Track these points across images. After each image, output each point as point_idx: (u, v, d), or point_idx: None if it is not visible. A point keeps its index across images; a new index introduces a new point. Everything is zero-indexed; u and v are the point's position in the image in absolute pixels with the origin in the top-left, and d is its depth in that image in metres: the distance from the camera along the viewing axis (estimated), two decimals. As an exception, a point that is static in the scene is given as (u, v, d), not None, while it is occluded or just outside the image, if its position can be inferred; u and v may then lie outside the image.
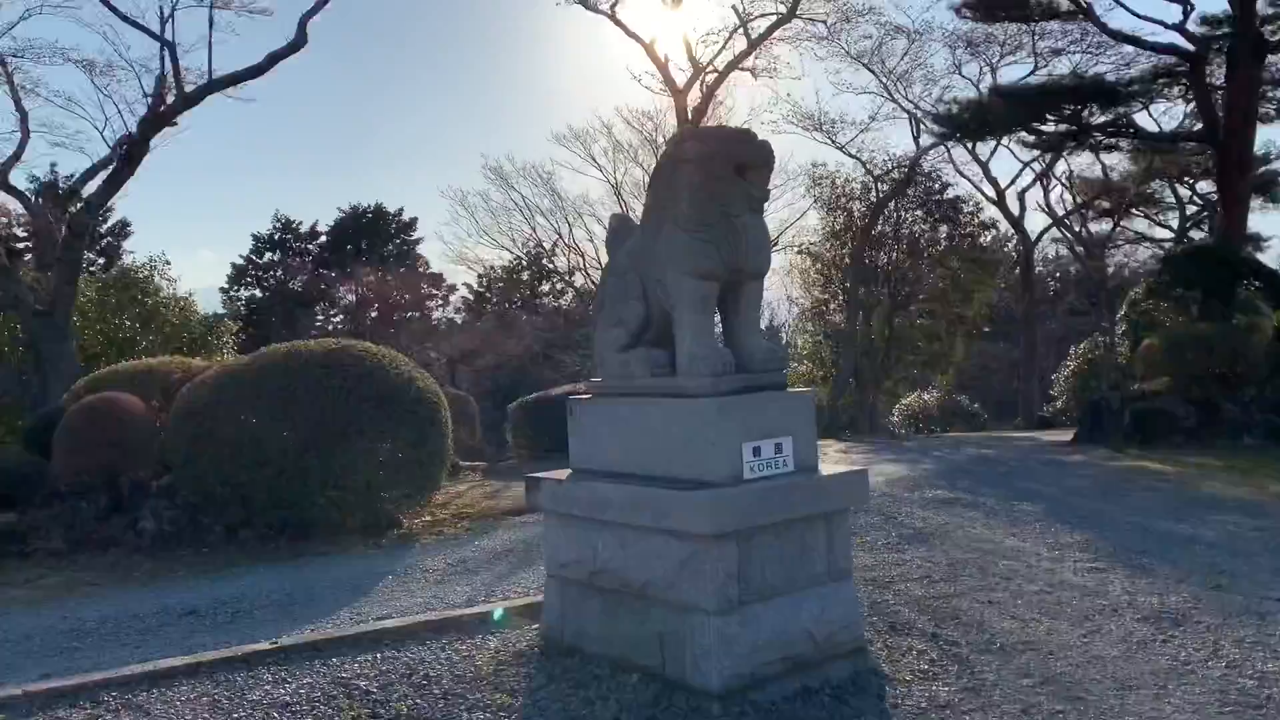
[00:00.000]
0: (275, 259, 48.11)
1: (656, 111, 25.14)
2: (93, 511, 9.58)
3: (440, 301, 49.94)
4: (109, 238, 41.94)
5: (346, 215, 48.04)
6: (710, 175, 4.93)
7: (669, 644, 4.83)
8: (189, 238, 76.84)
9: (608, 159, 27.81)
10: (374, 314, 46.64)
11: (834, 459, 16.05)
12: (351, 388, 9.57)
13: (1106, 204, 32.54)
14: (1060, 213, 33.41)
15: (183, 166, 72.81)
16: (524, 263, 39.93)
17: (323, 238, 48.54)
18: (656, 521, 4.82)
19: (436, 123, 77.94)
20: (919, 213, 24.75)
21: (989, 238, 27.58)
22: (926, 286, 25.68)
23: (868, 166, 24.43)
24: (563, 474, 5.66)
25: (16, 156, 15.98)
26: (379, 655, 5.56)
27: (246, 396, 9.39)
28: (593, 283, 35.40)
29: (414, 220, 47.90)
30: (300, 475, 9.25)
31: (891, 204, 24.37)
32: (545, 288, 45.68)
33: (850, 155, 24.59)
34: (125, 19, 15.61)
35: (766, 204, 5.15)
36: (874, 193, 24.11)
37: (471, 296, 48.47)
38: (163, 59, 15.26)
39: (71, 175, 16.59)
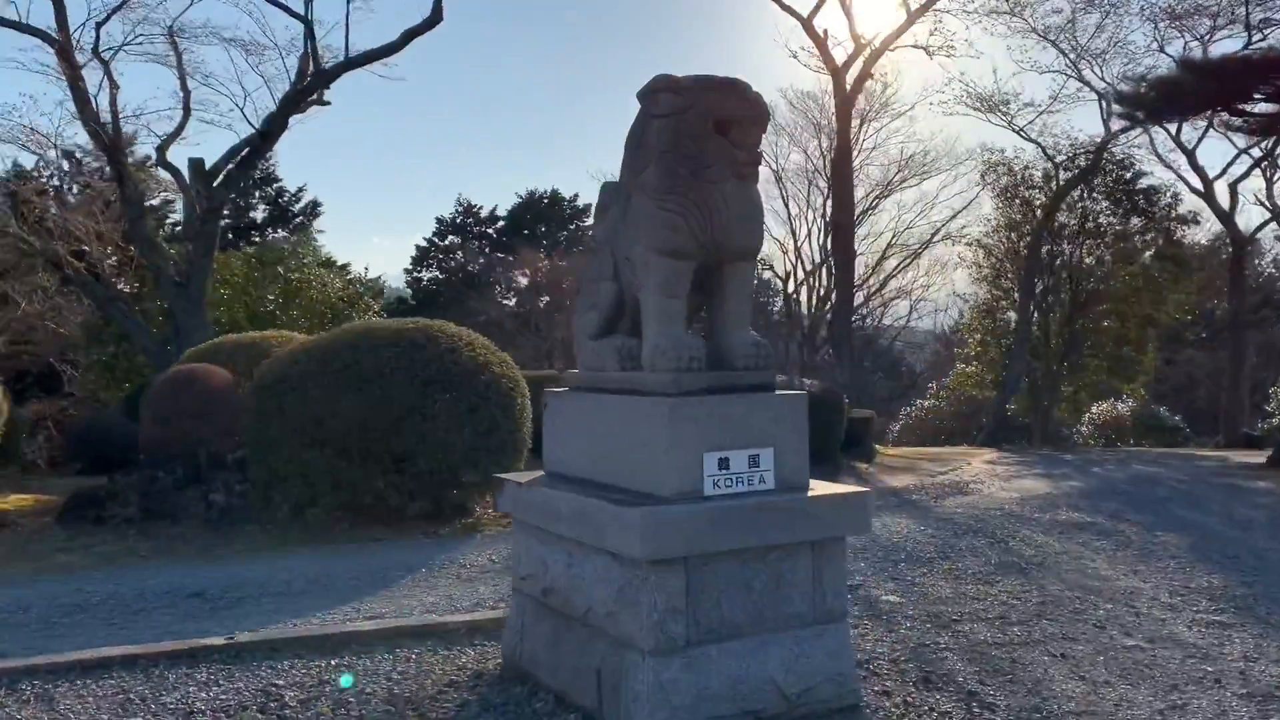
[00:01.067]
0: (455, 242, 49.47)
1: (821, 93, 23.90)
2: (169, 481, 9.64)
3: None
4: (300, 217, 44.13)
5: (523, 200, 48.82)
6: (681, 133, 4.14)
7: (606, 683, 4.11)
8: (381, 218, 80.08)
9: (768, 144, 26.72)
10: (545, 299, 47.26)
11: (962, 471, 14.68)
12: (418, 370, 9.21)
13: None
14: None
15: (370, 149, 75.69)
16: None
17: (501, 222, 49.53)
18: (597, 540, 4.11)
19: (593, 105, 77.59)
20: (1106, 203, 22.49)
21: (1188, 232, 24.81)
22: (1114, 285, 23.32)
23: (1048, 152, 22.37)
24: (530, 476, 5.00)
25: (176, 134, 16.72)
26: (330, 662, 5.08)
27: (312, 373, 9.19)
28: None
29: (588, 206, 48.15)
30: (360, 457, 8.98)
31: (1075, 193, 22.24)
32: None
33: (1029, 139, 22.59)
34: (277, 3, 16.00)
35: (758, 167, 4.29)
36: (1055, 181, 22.07)
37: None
38: (306, 38, 15.61)
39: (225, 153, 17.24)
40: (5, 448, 13.04)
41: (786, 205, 26.77)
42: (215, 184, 15.43)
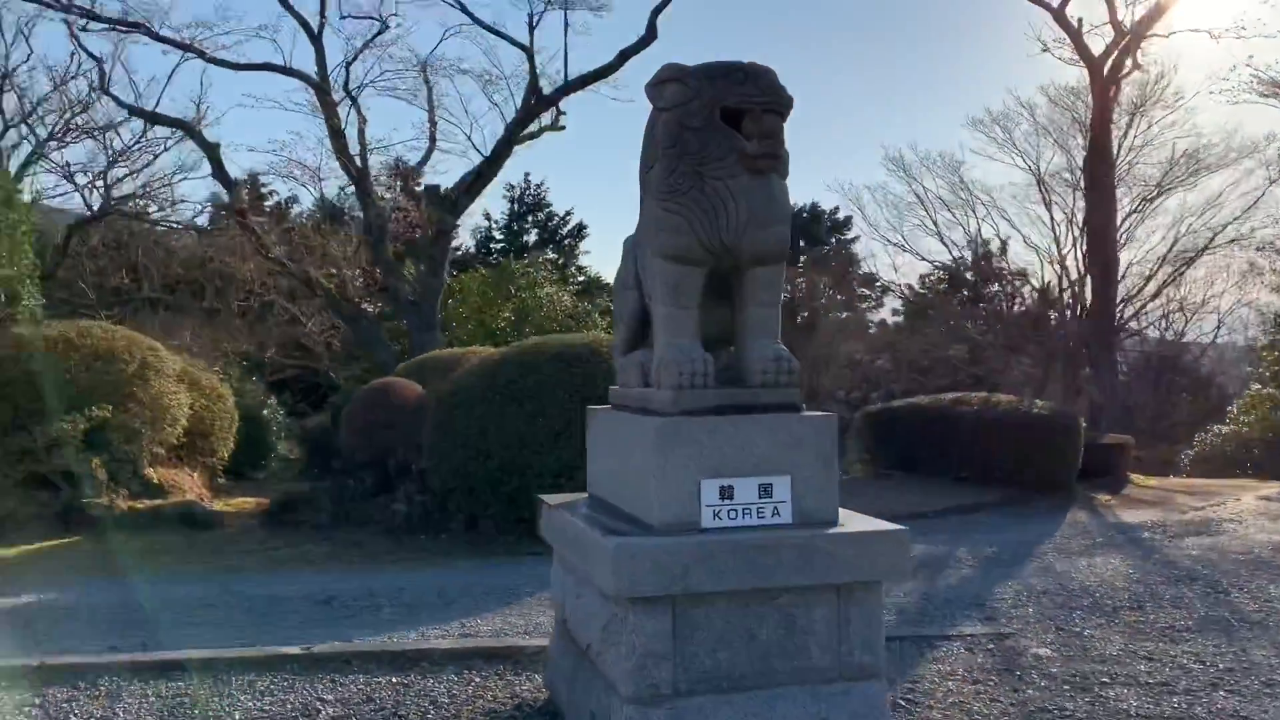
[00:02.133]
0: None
1: (1083, 88, 21.80)
2: (359, 489, 10.17)
3: (874, 302, 48.55)
4: (568, 239, 46.08)
5: (783, 215, 48.45)
6: (685, 126, 3.76)
7: (598, 729, 3.77)
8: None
9: (1030, 144, 24.76)
10: (805, 314, 46.57)
11: (1222, 508, 12.75)
12: (577, 385, 9.17)
13: None
14: None
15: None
16: (963, 262, 37.32)
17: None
18: (589, 569, 3.79)
19: (832, 113, 74.26)
20: None
21: None
22: None
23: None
24: (570, 497, 4.75)
25: (423, 162, 17.87)
26: (391, 679, 5.05)
27: (480, 388, 9.39)
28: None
29: (848, 219, 47.00)
30: (519, 470, 9.05)
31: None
32: (995, 288, 42.39)
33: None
34: (497, 33, 16.75)
35: (778, 160, 3.81)
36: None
37: (910, 297, 46.48)
38: (529, 66, 16.20)
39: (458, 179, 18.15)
40: (252, 452, 14.36)
41: (1049, 210, 24.75)
42: (444, 209, 16.31)
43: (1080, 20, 19.20)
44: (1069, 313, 23.38)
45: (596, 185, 71.68)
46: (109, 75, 20.51)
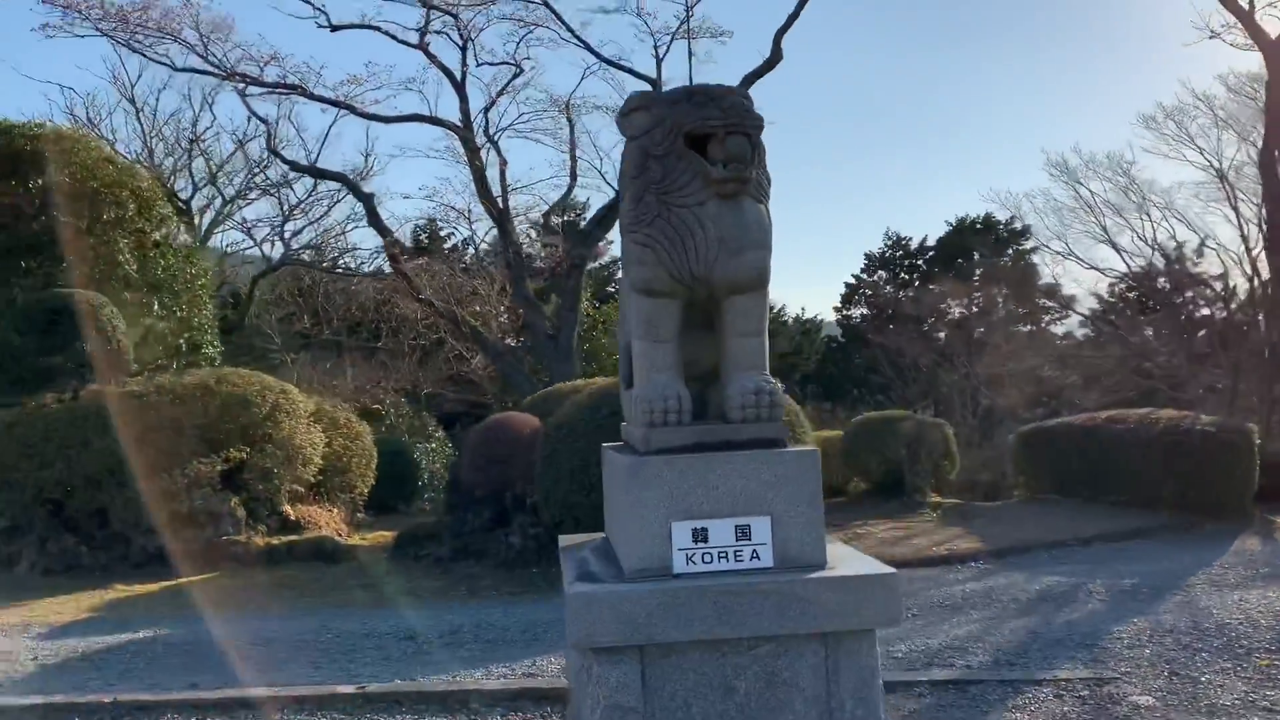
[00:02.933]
0: (883, 277, 48.68)
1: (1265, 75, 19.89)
2: (478, 522, 10.37)
3: (1057, 315, 46.07)
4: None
5: (953, 227, 46.77)
6: (649, 154, 3.64)
7: (581, 782, 3.65)
8: (817, 260, 79.51)
9: (1208, 138, 22.85)
10: (980, 330, 44.70)
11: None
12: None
13: None
14: None
15: (808, 191, 75.58)
16: (1153, 268, 34.86)
17: (931, 253, 47.86)
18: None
19: (980, 120, 69.93)
20: None
21: None
22: None
23: None
24: (588, 539, 4.66)
25: (564, 199, 18.24)
26: (436, 720, 5.09)
27: (585, 420, 9.41)
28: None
29: (1026, 228, 44.78)
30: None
31: None
32: (1188, 295, 39.40)
33: None
34: (623, 69, 16.93)
35: (748, 184, 3.62)
36: None
37: (1099, 308, 43.82)
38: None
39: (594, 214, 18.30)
40: (402, 486, 14.91)
41: (1235, 209, 22.75)
42: (577, 243, 16.57)
43: (1252, 2, 17.62)
44: (1260, 319, 21.41)
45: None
46: (275, 135, 22.06)
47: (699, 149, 3.59)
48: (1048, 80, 66.20)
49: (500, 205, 17.29)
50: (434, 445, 18.42)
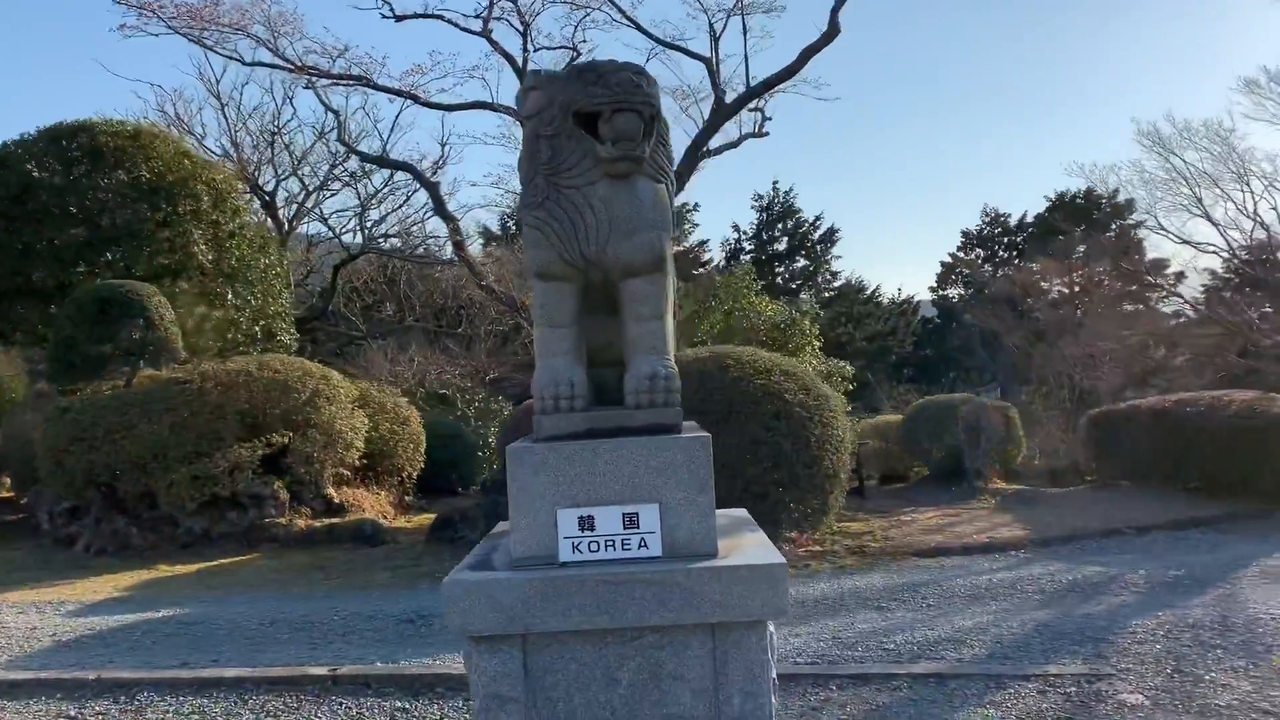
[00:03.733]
0: (981, 255, 47.38)
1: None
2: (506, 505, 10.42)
3: (1165, 292, 44.04)
4: (819, 245, 45.26)
5: (1052, 202, 45.19)
6: (539, 135, 3.56)
7: (479, 771, 3.61)
8: (912, 238, 77.42)
9: (1315, 102, 21.37)
10: (1080, 309, 43.14)
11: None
12: (694, 404, 8.95)
13: None
14: None
15: (902, 172, 73.63)
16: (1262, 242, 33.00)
17: (1030, 230, 46.35)
18: (464, 604, 3.65)
19: (1060, 93, 66.42)
20: None
21: None
22: None
23: None
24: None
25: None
26: (392, 704, 5.13)
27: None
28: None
29: (1129, 202, 42.89)
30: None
31: None
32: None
33: None
34: (678, 48, 16.70)
35: (642, 163, 3.51)
36: None
37: (1208, 284, 41.76)
38: (712, 76, 15.96)
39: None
40: (461, 468, 15.11)
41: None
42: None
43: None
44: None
45: (847, 189, 69.84)
46: (346, 126, 22.50)
47: (590, 128, 3.50)
48: (1138, 45, 63.12)
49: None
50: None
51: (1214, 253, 28.47)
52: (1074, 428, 22.67)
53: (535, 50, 17.64)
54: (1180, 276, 43.74)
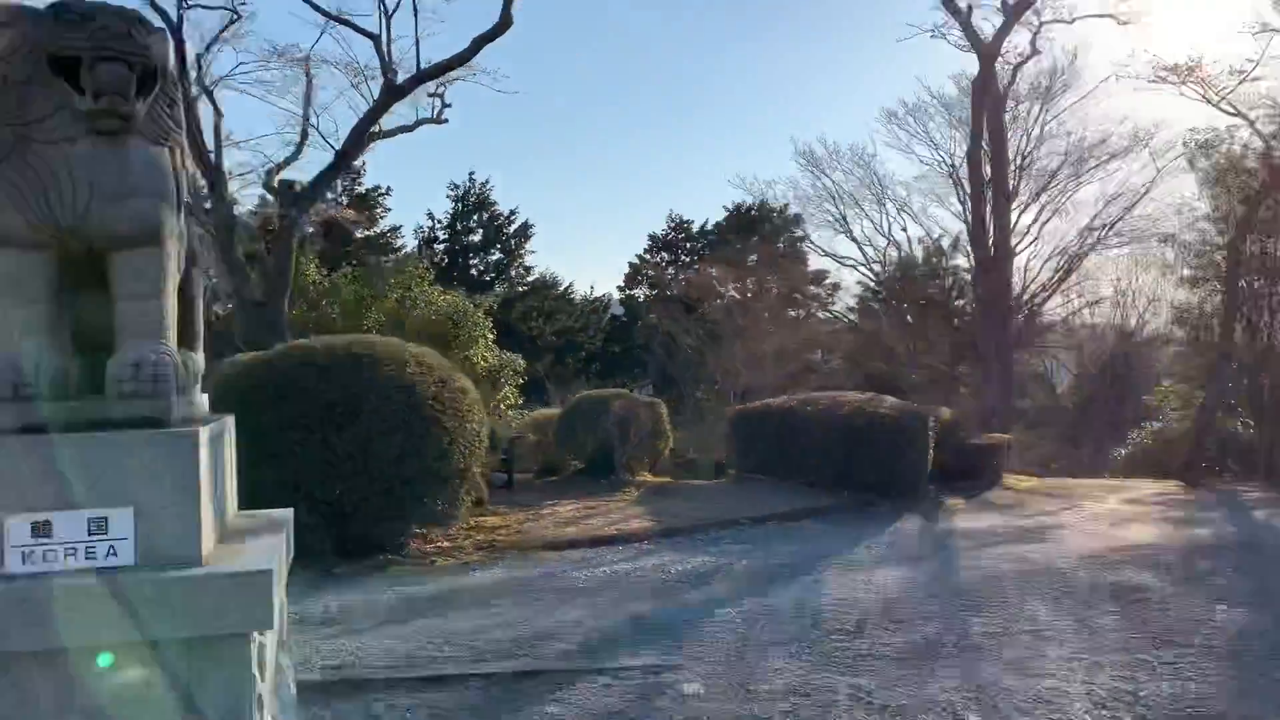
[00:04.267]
0: (666, 258, 49.30)
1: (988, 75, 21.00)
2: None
3: (824, 301, 47.87)
4: (514, 239, 45.35)
5: (730, 213, 47.85)
6: (8, 80, 3.08)
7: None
8: (606, 239, 79.01)
9: (944, 135, 24.04)
10: (744, 313, 45.89)
11: (1074, 512, 12.09)
12: (322, 392, 8.50)
13: None
14: None
15: (597, 172, 74.95)
16: (910, 260, 36.63)
17: (711, 237, 48.83)
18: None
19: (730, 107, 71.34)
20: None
21: None
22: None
23: (1255, 126, 18.45)
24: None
25: (290, 160, 17.15)
26: None
27: (250, 390, 8.62)
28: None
29: (797, 216, 46.25)
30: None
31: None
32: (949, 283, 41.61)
33: (1229, 113, 18.67)
34: (345, 22, 16.01)
35: (132, 119, 3.12)
36: (1272, 159, 18.18)
37: (863, 294, 45.81)
38: (380, 54, 15.41)
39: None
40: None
41: (963, 204, 24.02)
42: (290, 204, 15.58)
43: (970, 5, 18.50)
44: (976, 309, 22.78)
45: (546, 186, 70.66)
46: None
47: (73, 78, 3.06)
48: (806, 68, 68.01)
49: (213, 161, 16.03)
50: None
51: (852, 266, 31.25)
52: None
53: (189, 7, 16.21)
54: (836, 287, 47.77)
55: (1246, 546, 9.72)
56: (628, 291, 50.26)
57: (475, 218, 45.60)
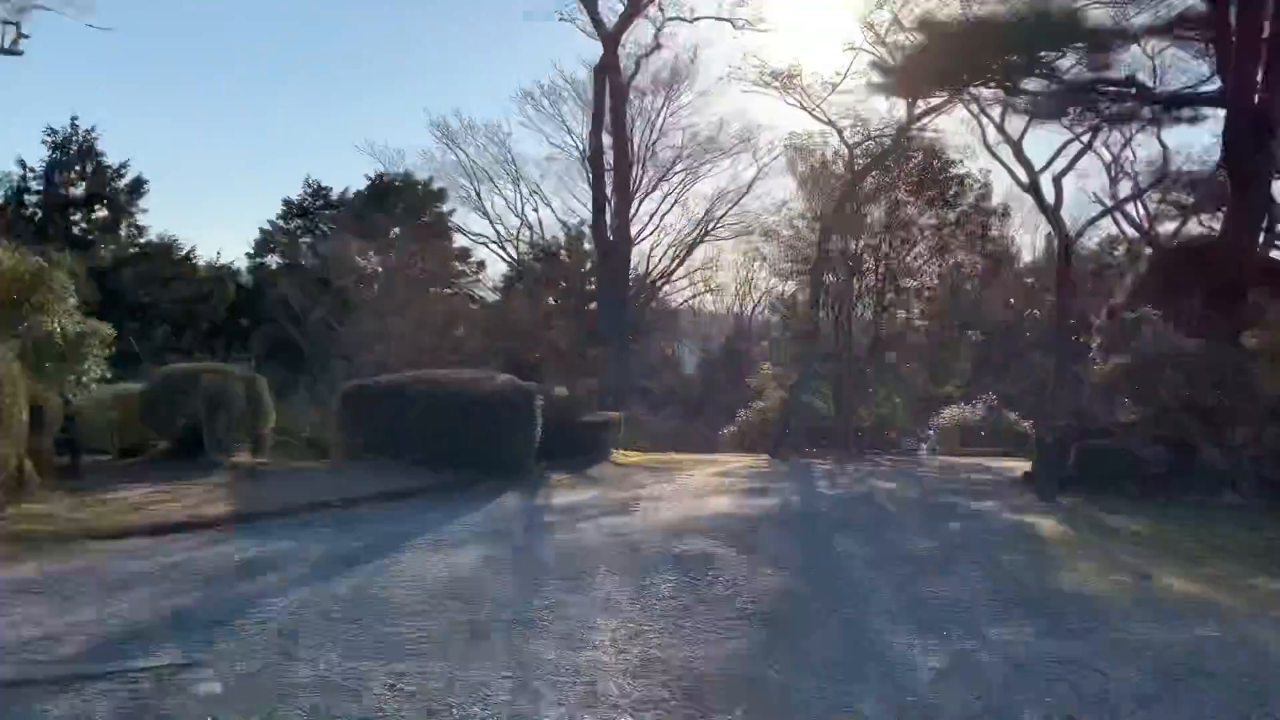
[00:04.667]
0: (301, 226, 46.81)
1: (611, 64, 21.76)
2: None
3: (471, 279, 47.61)
4: (126, 194, 40.99)
5: (372, 182, 46.28)
6: None
7: None
8: (240, 203, 73.57)
9: (575, 120, 24.64)
10: (385, 288, 44.63)
11: (670, 484, 12.79)
12: None
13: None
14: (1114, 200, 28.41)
15: (226, 130, 69.53)
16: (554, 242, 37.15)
17: (351, 205, 46.91)
18: None
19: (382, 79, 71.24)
20: (906, 194, 20.86)
21: (1003, 227, 23.49)
22: (925, 281, 21.85)
23: (842, 135, 20.66)
24: None
25: None
26: None
27: None
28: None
29: (444, 191, 45.64)
30: None
31: (877, 181, 20.60)
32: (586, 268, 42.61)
33: (822, 121, 20.80)
34: None
35: None
36: (853, 166, 20.39)
37: (510, 273, 45.99)
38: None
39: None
40: None
41: (592, 186, 24.86)
42: None
43: (599, -10, 18.97)
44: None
45: (166, 141, 64.61)
46: None
47: None
48: (450, 41, 67.07)
49: None
50: None
51: (484, 243, 31.39)
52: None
53: None
54: (481, 266, 47.74)
55: (804, 515, 10.68)
56: (258, 260, 47.17)
57: (78, 168, 40.67)
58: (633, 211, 21.59)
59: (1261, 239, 13.91)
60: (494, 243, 32.36)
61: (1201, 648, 5.90)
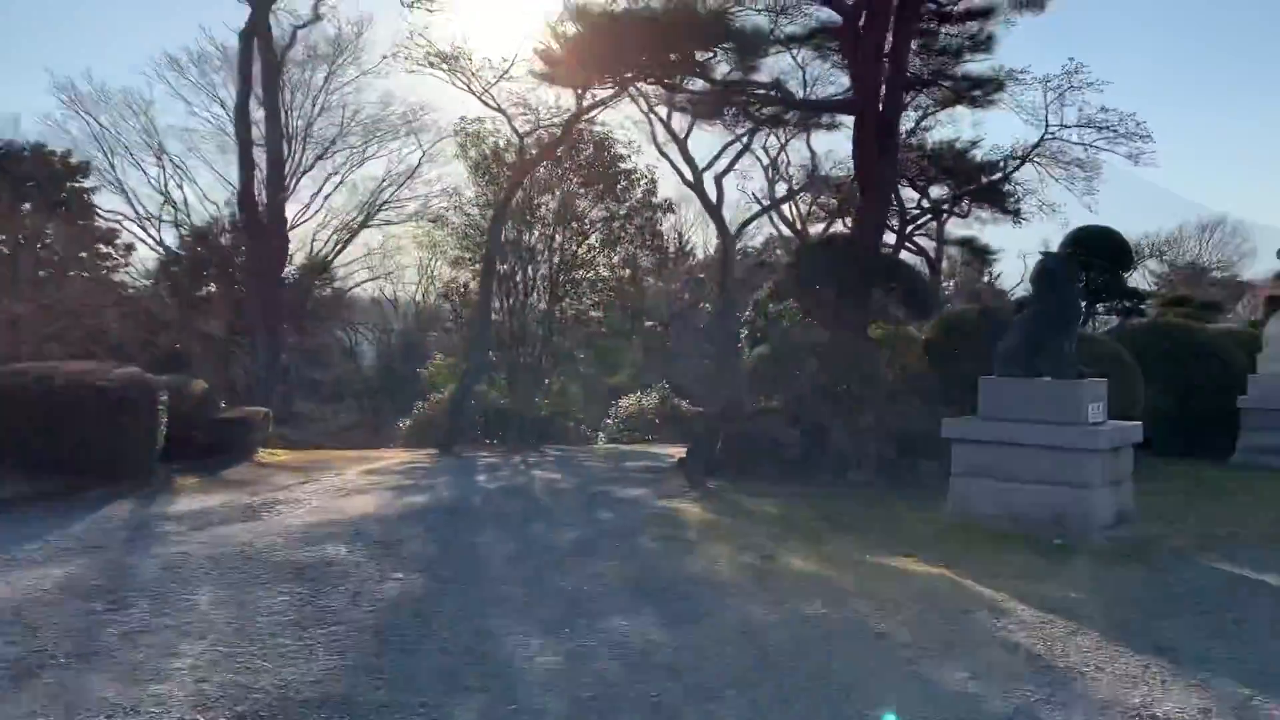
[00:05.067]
0: (-96, 195, 40.36)
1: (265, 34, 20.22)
2: None
3: (119, 262, 43.13)
4: None
5: None
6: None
7: None
8: None
9: (230, 92, 22.76)
10: (42, 272, 39.59)
11: (315, 484, 11.96)
12: None
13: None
14: (771, 199, 30.49)
15: None
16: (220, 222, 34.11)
17: (-30, 175, 41.02)
18: None
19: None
20: (579, 186, 21.10)
21: (668, 221, 24.44)
22: (599, 273, 22.15)
23: (512, 123, 20.56)
24: None
25: None
26: None
27: None
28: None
29: (85, 164, 40.97)
30: None
31: (549, 173, 20.63)
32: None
33: (492, 107, 20.56)
34: None
35: None
36: (523, 156, 20.31)
37: (164, 257, 41.98)
38: None
39: None
40: None
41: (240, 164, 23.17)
42: None
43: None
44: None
45: None
46: None
47: None
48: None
49: None
50: None
51: (117, 222, 28.56)
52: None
53: None
54: (130, 249, 43.38)
55: (452, 511, 10.27)
56: None
57: None
58: (289, 190, 20.19)
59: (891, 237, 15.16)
60: (133, 220, 29.30)
61: (803, 632, 6.11)
